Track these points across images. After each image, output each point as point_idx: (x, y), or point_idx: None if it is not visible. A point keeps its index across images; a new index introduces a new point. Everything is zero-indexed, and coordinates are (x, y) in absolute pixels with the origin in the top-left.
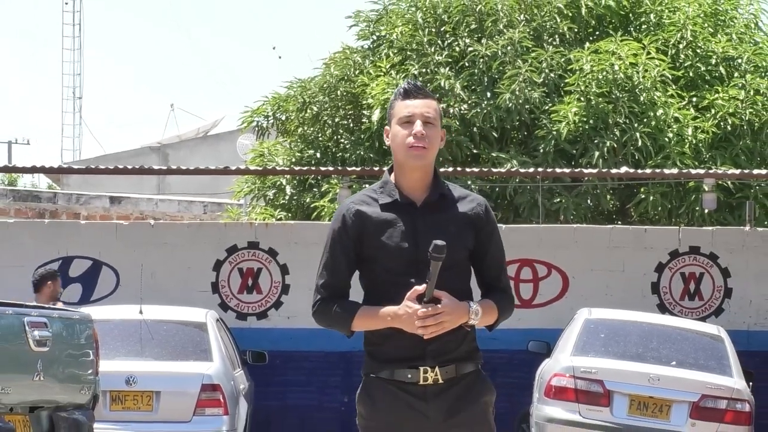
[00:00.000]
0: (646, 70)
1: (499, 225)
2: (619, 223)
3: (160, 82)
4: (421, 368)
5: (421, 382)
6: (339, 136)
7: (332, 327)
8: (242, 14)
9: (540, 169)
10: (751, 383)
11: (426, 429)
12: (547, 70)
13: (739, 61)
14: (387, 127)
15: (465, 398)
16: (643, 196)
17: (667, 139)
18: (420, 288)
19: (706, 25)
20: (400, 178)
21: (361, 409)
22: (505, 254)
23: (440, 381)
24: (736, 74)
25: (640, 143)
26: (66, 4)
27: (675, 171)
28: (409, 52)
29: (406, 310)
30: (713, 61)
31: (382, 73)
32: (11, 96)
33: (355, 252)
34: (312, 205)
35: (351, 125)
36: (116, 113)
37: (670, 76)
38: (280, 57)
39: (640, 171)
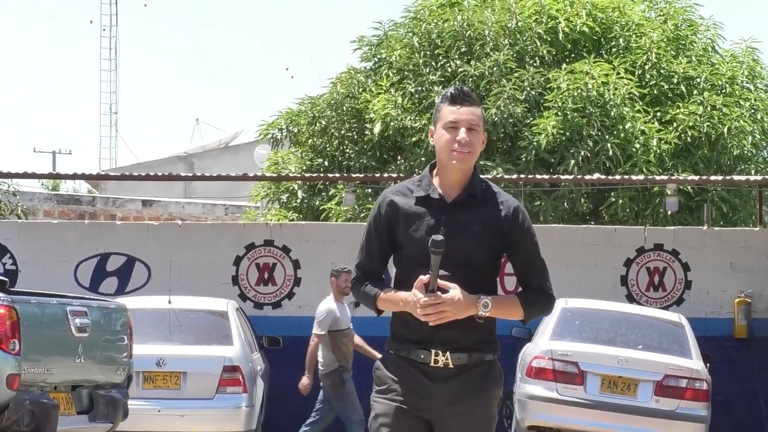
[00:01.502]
0: (616, 88)
1: None
2: (592, 223)
3: (187, 98)
4: (433, 351)
5: (432, 364)
6: (344, 147)
7: (363, 303)
8: (260, 37)
9: (522, 176)
10: (708, 364)
11: (428, 408)
12: (528, 88)
13: (698, 80)
14: (432, 128)
15: (471, 388)
16: (613, 200)
17: (634, 149)
18: (425, 278)
19: (668, 48)
20: (441, 175)
21: (377, 374)
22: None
23: (450, 366)
24: (695, 92)
25: (610, 153)
26: (104, 30)
27: (641, 177)
28: (406, 73)
29: (412, 297)
30: (675, 80)
31: (383, 91)
32: (55, 110)
33: (388, 238)
34: (321, 208)
35: (355, 137)
36: (148, 126)
37: (637, 94)
38: (292, 77)
39: (610, 177)
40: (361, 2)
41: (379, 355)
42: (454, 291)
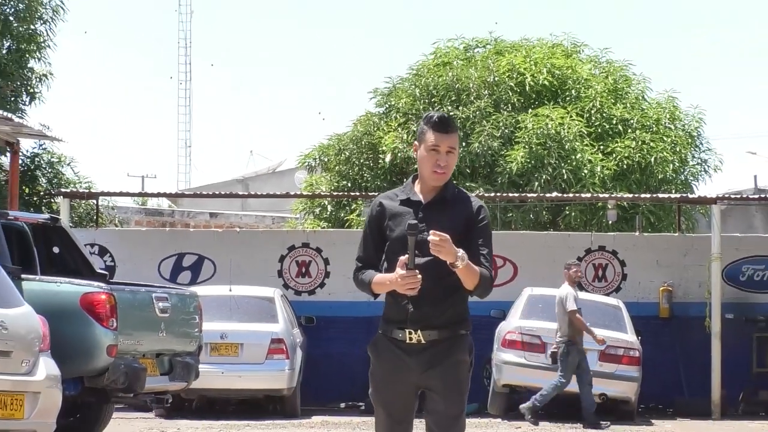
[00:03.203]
0: (569, 128)
1: None
2: (552, 230)
3: (244, 134)
4: (407, 330)
5: (407, 341)
6: (363, 172)
7: (361, 289)
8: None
9: (498, 194)
10: (639, 337)
11: (409, 377)
12: (502, 128)
13: (632, 121)
14: (416, 143)
15: (441, 356)
16: (567, 212)
17: (583, 174)
18: (404, 258)
19: (609, 97)
20: (421, 184)
21: (370, 357)
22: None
23: (422, 341)
24: (629, 130)
25: (565, 176)
26: (180, 83)
27: (589, 195)
28: (410, 116)
29: (395, 274)
30: (614, 122)
31: (392, 130)
32: (144, 143)
33: (379, 233)
34: (345, 218)
35: (371, 164)
36: (214, 155)
37: (585, 132)
38: (324, 119)
39: (565, 195)
40: (375, 59)
41: (600, 336)
42: (447, 236)
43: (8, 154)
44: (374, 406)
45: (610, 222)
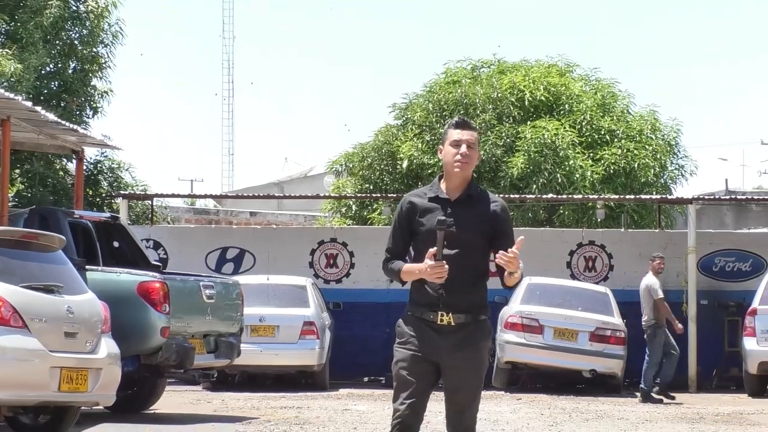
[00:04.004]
0: (563, 138)
1: None
2: (547, 227)
3: (279, 141)
4: (439, 312)
5: (438, 323)
6: (383, 176)
7: (391, 277)
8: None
9: (500, 195)
10: (624, 320)
11: (436, 354)
12: (505, 138)
13: (618, 132)
14: (440, 147)
15: (467, 340)
16: (561, 212)
17: (575, 178)
18: (433, 250)
19: (598, 111)
20: (447, 181)
21: (398, 329)
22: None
23: (452, 324)
24: (615, 140)
25: (559, 180)
26: (224, 99)
27: (580, 196)
28: (424, 127)
29: (424, 264)
30: (602, 132)
31: (409, 139)
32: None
33: (408, 228)
34: (367, 217)
35: (390, 170)
36: (253, 161)
37: (577, 141)
38: (349, 130)
39: (559, 196)
40: (394, 77)
41: (679, 326)
42: (517, 252)
43: (74, 161)
44: (395, 378)
45: (598, 220)
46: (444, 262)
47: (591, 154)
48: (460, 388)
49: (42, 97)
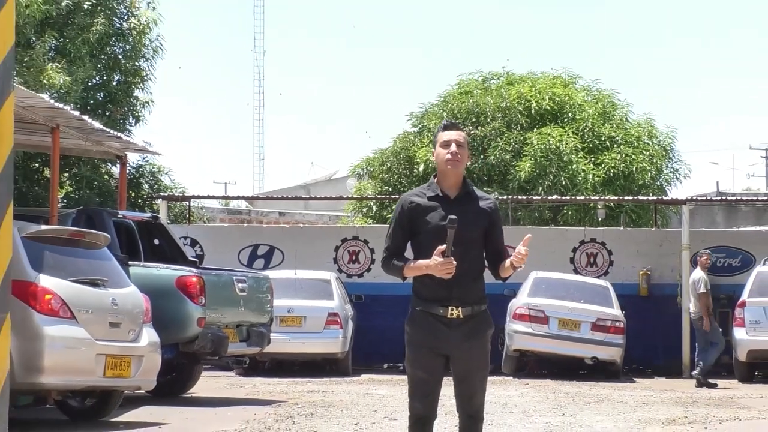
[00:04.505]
0: (567, 144)
1: None
2: (552, 225)
3: (306, 147)
4: (449, 307)
5: (448, 316)
6: (401, 179)
7: (391, 273)
8: (348, 108)
9: (510, 197)
10: (623, 311)
11: (445, 345)
12: (513, 143)
13: (617, 138)
14: (434, 149)
15: (475, 330)
16: (565, 211)
17: (578, 181)
18: (442, 247)
19: (599, 118)
20: (441, 181)
21: (408, 329)
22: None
23: (461, 316)
24: (615, 146)
25: (563, 182)
26: (255, 109)
27: (582, 197)
28: None
29: (434, 261)
30: (603, 138)
31: (424, 145)
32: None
33: (409, 227)
34: (386, 216)
35: (407, 173)
36: (282, 164)
37: (579, 147)
38: (369, 137)
39: (563, 197)
40: (411, 88)
41: (708, 325)
42: (527, 251)
43: (118, 165)
44: (409, 369)
45: (599, 219)
46: (452, 258)
47: (592, 159)
48: (469, 374)
49: (88, 107)
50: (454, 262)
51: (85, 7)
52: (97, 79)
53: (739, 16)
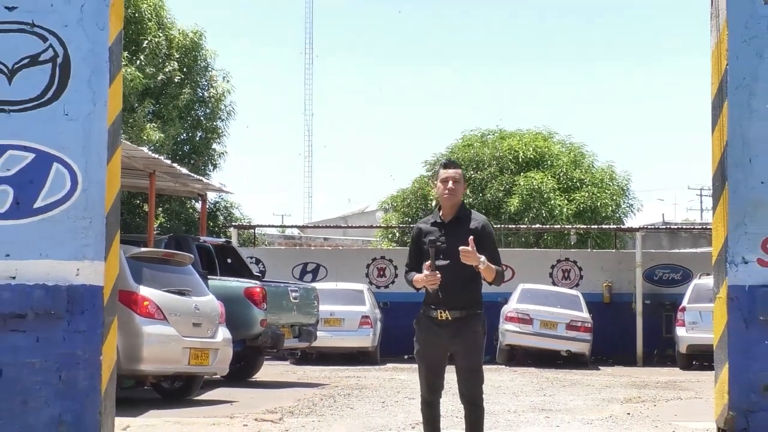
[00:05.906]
0: (546, 185)
1: None
2: (535, 248)
3: (344, 186)
4: (439, 310)
5: (439, 318)
6: (418, 212)
7: (409, 285)
8: (376, 155)
9: (502, 225)
10: (591, 315)
11: (441, 342)
12: (505, 185)
13: (585, 180)
14: (434, 183)
15: (463, 328)
16: (545, 237)
17: (555, 213)
18: (427, 263)
19: (571, 165)
20: (442, 209)
21: (415, 328)
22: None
23: (449, 318)
24: (584, 186)
25: (544, 215)
26: (305, 156)
27: (559, 226)
28: None
29: (422, 275)
30: (574, 180)
31: (435, 186)
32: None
33: (418, 247)
34: (407, 241)
35: (423, 208)
36: (327, 200)
37: (556, 187)
38: (394, 179)
39: (543, 227)
40: (426, 139)
41: None
42: (471, 248)
43: (200, 202)
44: (417, 362)
45: (572, 243)
46: (437, 272)
47: (566, 197)
48: (464, 363)
49: (177, 157)
50: (438, 275)
51: (176, 80)
52: (184, 135)
53: (682, 86)
